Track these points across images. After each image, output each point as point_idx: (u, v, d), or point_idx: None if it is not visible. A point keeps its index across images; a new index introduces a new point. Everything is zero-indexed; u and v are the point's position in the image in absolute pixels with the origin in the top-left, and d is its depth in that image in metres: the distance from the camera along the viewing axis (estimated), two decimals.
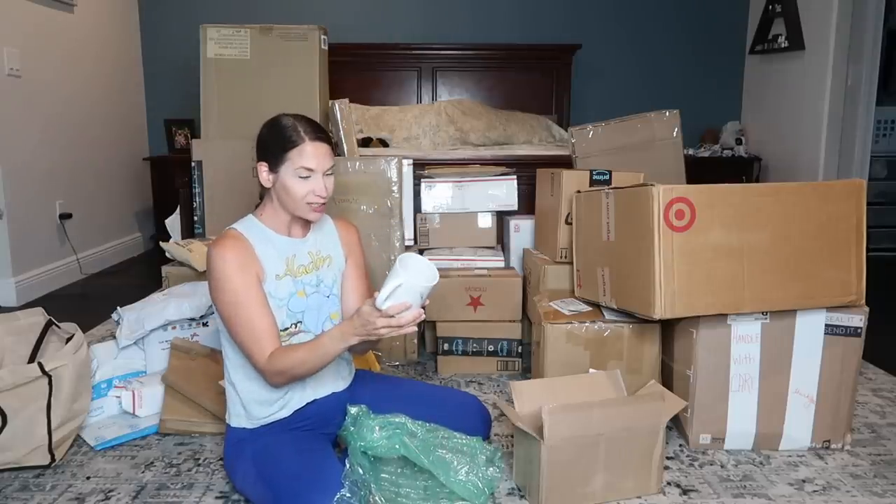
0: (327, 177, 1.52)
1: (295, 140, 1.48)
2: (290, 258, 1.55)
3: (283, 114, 1.55)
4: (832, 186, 1.75)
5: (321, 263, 1.62)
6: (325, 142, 1.51)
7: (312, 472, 1.38)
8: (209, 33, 2.62)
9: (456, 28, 4.58)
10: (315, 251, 1.61)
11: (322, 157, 1.49)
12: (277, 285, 1.52)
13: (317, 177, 1.49)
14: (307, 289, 1.57)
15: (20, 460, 1.67)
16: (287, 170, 1.48)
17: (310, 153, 1.48)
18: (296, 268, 1.56)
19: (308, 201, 1.50)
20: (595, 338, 1.91)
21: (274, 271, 1.52)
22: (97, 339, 2.52)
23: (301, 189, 1.48)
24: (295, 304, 1.54)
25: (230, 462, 1.56)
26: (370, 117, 4.06)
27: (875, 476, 1.70)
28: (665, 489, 1.62)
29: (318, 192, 1.49)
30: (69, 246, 3.66)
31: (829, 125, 3.90)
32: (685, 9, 4.62)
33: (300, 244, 1.59)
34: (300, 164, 1.47)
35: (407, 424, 1.51)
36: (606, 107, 4.45)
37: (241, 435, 1.56)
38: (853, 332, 1.76)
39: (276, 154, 1.49)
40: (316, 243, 1.62)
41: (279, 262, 1.53)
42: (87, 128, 3.90)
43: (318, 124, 1.55)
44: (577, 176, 2.20)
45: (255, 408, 1.54)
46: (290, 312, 1.54)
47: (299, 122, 1.51)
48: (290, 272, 1.54)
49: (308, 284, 1.57)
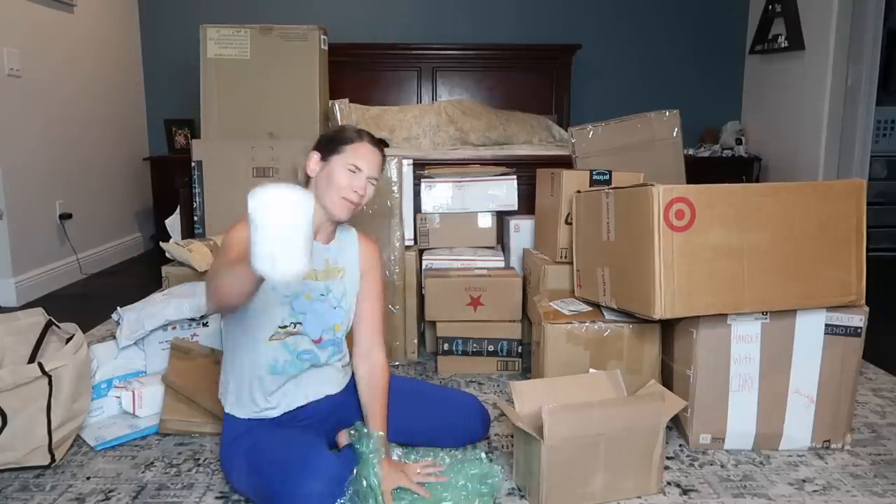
0: (370, 183, 1.58)
1: (354, 139, 1.57)
2: None
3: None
4: (832, 186, 1.75)
5: (334, 274, 1.62)
6: (381, 153, 1.61)
7: (302, 457, 1.39)
8: (209, 33, 2.62)
9: (456, 28, 4.58)
10: (332, 260, 1.63)
11: (373, 163, 1.57)
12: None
13: (361, 176, 1.55)
14: (314, 294, 1.58)
15: (20, 460, 1.67)
16: (338, 160, 1.55)
17: (364, 154, 1.56)
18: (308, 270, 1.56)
19: (344, 195, 1.54)
20: (595, 338, 1.91)
21: None
22: (97, 339, 2.52)
23: (344, 180, 1.54)
24: (299, 304, 1.55)
25: (226, 459, 1.57)
26: (370, 117, 4.06)
27: (875, 476, 1.70)
28: (665, 489, 1.62)
29: (357, 189, 1.54)
30: (69, 246, 3.66)
31: (829, 125, 3.90)
32: (685, 9, 4.62)
33: (321, 249, 1.60)
34: (352, 160, 1.55)
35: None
36: (606, 107, 4.45)
37: (236, 431, 1.56)
38: (853, 332, 1.76)
39: (332, 145, 1.57)
40: (335, 253, 1.64)
41: None
42: (87, 128, 3.90)
43: (380, 140, 1.64)
44: (577, 176, 2.20)
45: (247, 402, 1.57)
46: (293, 311, 1.54)
47: (364, 130, 1.62)
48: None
49: (315, 290, 1.58)
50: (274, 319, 1.53)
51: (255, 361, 1.54)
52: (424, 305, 2.39)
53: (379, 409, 1.63)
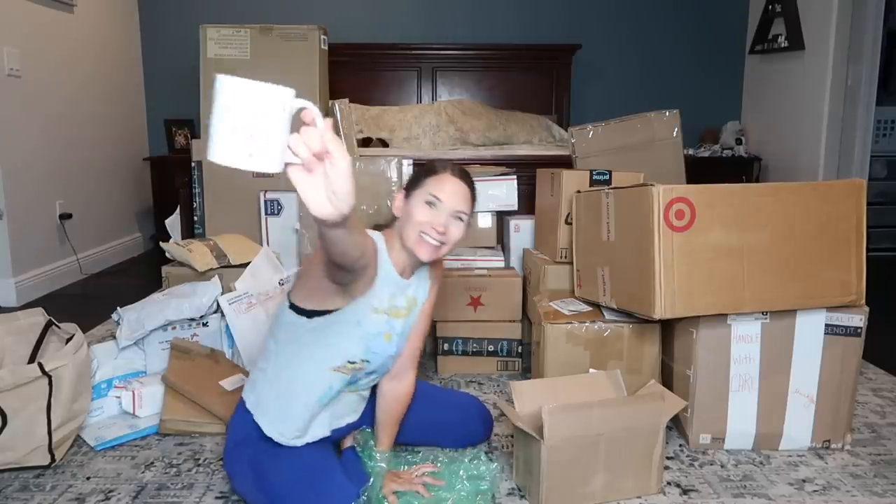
0: (455, 220, 1.43)
1: (438, 170, 1.45)
2: (391, 296, 1.46)
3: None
4: (832, 186, 1.75)
5: (413, 309, 1.53)
6: (468, 186, 1.47)
7: (317, 484, 1.35)
8: (209, 33, 2.62)
9: (456, 28, 4.58)
10: (412, 295, 1.52)
11: (456, 196, 1.43)
12: (372, 318, 1.41)
13: (442, 211, 1.41)
14: (394, 335, 1.48)
15: (20, 460, 1.67)
16: (418, 195, 1.43)
17: (445, 185, 1.42)
18: (392, 308, 1.47)
19: (423, 230, 1.40)
20: (595, 338, 1.91)
21: (374, 303, 1.41)
22: (97, 339, 2.52)
23: (422, 215, 1.40)
24: (377, 344, 1.45)
25: (230, 464, 1.52)
26: (370, 117, 4.06)
27: (875, 476, 1.70)
28: (665, 489, 1.62)
29: (436, 225, 1.39)
30: (69, 246, 3.66)
31: (829, 125, 3.90)
32: (685, 9, 4.62)
33: (404, 285, 1.49)
34: (431, 191, 1.42)
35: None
36: (606, 107, 4.45)
37: (240, 433, 1.50)
38: (853, 332, 1.76)
39: (415, 180, 1.46)
40: (415, 287, 1.53)
41: (384, 296, 1.43)
42: (87, 128, 3.90)
43: (469, 174, 1.50)
44: (577, 176, 2.20)
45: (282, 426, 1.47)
46: (368, 350, 1.43)
47: (452, 163, 1.50)
48: (389, 311, 1.45)
49: (395, 331, 1.48)
50: (345, 353, 1.42)
51: (311, 386, 1.44)
52: None
53: (392, 429, 1.61)
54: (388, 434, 1.61)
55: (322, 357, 1.41)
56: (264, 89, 0.78)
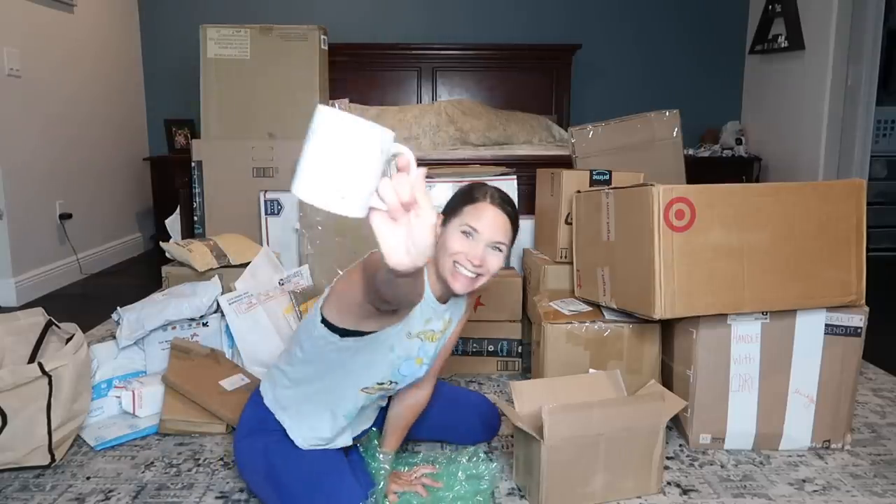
0: (493, 251, 1.37)
1: (477, 198, 1.39)
2: (427, 320, 1.43)
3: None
4: (832, 186, 1.75)
5: (447, 331, 1.50)
6: (508, 215, 1.40)
7: (326, 485, 1.35)
8: (209, 33, 2.62)
9: (456, 28, 4.58)
10: (448, 318, 1.49)
11: (495, 226, 1.36)
12: (405, 343, 1.39)
13: (479, 242, 1.35)
14: (425, 358, 1.45)
15: (20, 460, 1.67)
16: (454, 223, 1.38)
17: (483, 214, 1.36)
18: (427, 331, 1.44)
19: (457, 260, 1.34)
20: (595, 338, 1.91)
21: (408, 328, 1.37)
22: (97, 339, 2.52)
23: (456, 245, 1.35)
24: (407, 368, 1.41)
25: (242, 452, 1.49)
26: (370, 117, 4.05)
27: (875, 476, 1.70)
28: (665, 489, 1.62)
29: (472, 258, 1.34)
30: (69, 246, 3.65)
31: (829, 125, 3.90)
32: (685, 9, 4.62)
33: (441, 309, 1.45)
34: (467, 221, 1.36)
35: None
36: (606, 107, 4.45)
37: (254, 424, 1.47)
38: (853, 332, 1.76)
39: (454, 206, 1.41)
40: (452, 310, 1.49)
41: (419, 321, 1.40)
42: (87, 128, 3.90)
43: (510, 199, 1.43)
44: (577, 176, 2.20)
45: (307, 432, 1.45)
46: (396, 373, 1.40)
47: (494, 189, 1.42)
48: (423, 334, 1.42)
49: (426, 354, 1.45)
50: (375, 375, 1.39)
51: (339, 403, 1.42)
52: None
53: (401, 433, 1.61)
54: (396, 437, 1.61)
55: (352, 377, 1.37)
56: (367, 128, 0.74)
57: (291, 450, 1.43)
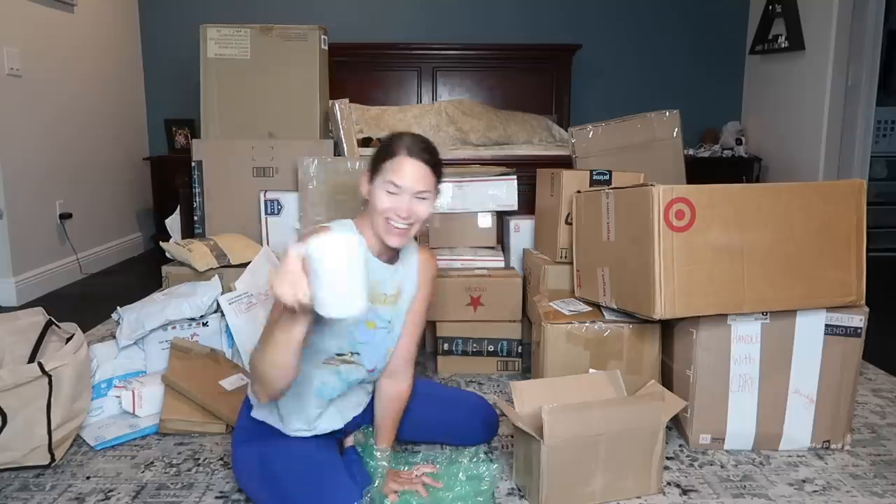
0: (419, 200, 1.41)
1: (395, 151, 1.41)
2: (375, 283, 1.45)
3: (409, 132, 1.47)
4: (832, 186, 1.75)
5: (399, 298, 1.53)
6: (426, 163, 1.42)
7: (321, 486, 1.36)
8: (209, 33, 2.62)
9: (456, 28, 4.58)
10: (399, 282, 1.52)
11: (416, 178, 1.40)
12: None
13: (404, 196, 1.40)
14: (378, 321, 1.49)
15: (20, 460, 1.67)
16: (379, 182, 1.42)
17: (403, 169, 1.39)
18: (377, 294, 1.47)
19: (387, 217, 1.40)
20: (595, 338, 1.91)
21: None
22: (97, 339, 2.52)
23: (384, 203, 1.40)
24: (361, 333, 1.46)
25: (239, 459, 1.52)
26: (370, 117, 4.06)
27: (875, 476, 1.70)
28: (665, 489, 1.62)
29: (399, 212, 1.39)
30: (69, 246, 3.65)
31: (829, 125, 3.90)
32: (685, 9, 4.62)
33: (390, 271, 1.50)
34: (390, 178, 1.39)
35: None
36: (606, 107, 4.45)
37: (252, 431, 1.51)
38: (853, 333, 1.76)
39: (376, 163, 1.44)
40: (402, 274, 1.53)
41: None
42: (87, 128, 3.90)
43: (428, 144, 1.45)
44: (577, 176, 2.20)
45: (289, 418, 1.48)
46: (352, 341, 1.45)
47: (411, 137, 1.44)
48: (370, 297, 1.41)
49: (381, 317, 1.49)
50: (331, 346, 1.44)
51: (302, 382, 1.44)
52: None
53: (391, 426, 1.61)
54: (386, 432, 1.61)
55: (309, 351, 1.41)
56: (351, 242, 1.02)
57: (286, 453, 1.45)
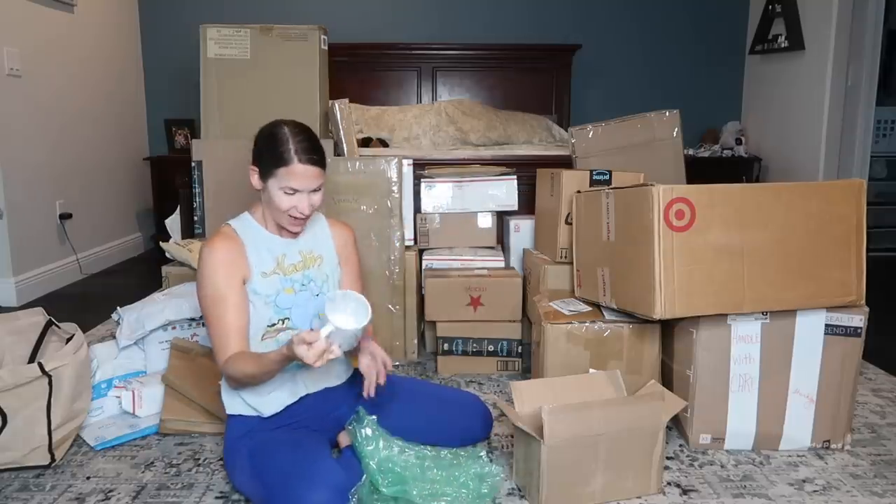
0: (313, 193, 1.54)
1: (286, 159, 1.49)
2: (281, 256, 1.60)
3: (282, 122, 1.54)
4: (832, 186, 1.75)
5: (312, 263, 1.65)
6: (315, 164, 1.52)
7: (305, 466, 1.40)
8: (209, 33, 2.62)
9: (456, 28, 4.58)
10: (307, 250, 1.65)
11: (309, 179, 1.51)
12: (264, 282, 1.56)
13: (301, 196, 1.52)
14: (295, 286, 1.60)
15: (20, 460, 1.67)
16: (274, 184, 1.51)
17: (297, 175, 1.49)
18: (286, 266, 1.60)
19: (291, 214, 1.54)
20: (595, 338, 1.91)
21: (261, 269, 1.56)
22: (97, 339, 2.52)
23: (284, 203, 1.52)
24: (282, 300, 1.58)
25: (230, 459, 1.57)
26: (370, 117, 4.06)
27: (875, 476, 1.70)
28: (665, 489, 1.62)
29: (300, 209, 1.53)
30: (69, 246, 3.66)
31: (829, 125, 3.90)
32: (685, 9, 4.62)
33: (291, 244, 1.63)
34: (286, 184, 1.50)
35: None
36: (606, 107, 4.45)
37: (239, 431, 1.57)
38: (853, 332, 1.76)
39: (266, 166, 1.52)
40: (307, 242, 1.66)
41: (269, 260, 1.58)
42: (87, 128, 3.90)
43: (313, 142, 1.53)
44: (577, 176, 2.20)
45: (247, 396, 1.57)
46: (278, 308, 1.57)
47: (295, 138, 1.50)
48: (279, 270, 1.59)
49: (296, 282, 1.61)
50: (262, 320, 1.55)
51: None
52: (424, 305, 2.39)
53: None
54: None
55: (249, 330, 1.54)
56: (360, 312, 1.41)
57: (272, 445, 1.50)
